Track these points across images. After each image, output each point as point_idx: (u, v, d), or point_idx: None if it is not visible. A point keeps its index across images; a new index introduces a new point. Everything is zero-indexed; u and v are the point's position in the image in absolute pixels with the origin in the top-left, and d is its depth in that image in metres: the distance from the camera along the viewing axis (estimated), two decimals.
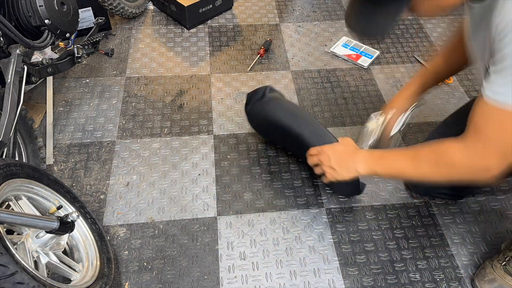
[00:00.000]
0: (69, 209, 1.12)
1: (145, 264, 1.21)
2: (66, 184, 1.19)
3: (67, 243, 1.08)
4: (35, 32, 1.34)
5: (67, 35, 1.44)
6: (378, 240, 1.28)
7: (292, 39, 2.01)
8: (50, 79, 1.70)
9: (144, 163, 1.46)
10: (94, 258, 1.10)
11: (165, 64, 1.85)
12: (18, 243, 0.93)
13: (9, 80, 1.18)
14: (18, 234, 0.98)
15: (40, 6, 1.29)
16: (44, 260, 0.96)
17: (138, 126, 1.58)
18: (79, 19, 1.54)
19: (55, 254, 1.00)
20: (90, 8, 1.86)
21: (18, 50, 1.22)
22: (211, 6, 2.04)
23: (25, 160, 1.29)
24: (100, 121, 1.59)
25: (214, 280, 1.18)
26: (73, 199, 1.16)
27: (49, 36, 1.36)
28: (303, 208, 1.36)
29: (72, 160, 1.46)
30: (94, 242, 1.13)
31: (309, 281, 1.19)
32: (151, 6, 2.16)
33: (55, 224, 0.94)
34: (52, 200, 1.08)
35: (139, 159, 1.47)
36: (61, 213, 1.05)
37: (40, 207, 1.06)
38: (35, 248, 0.95)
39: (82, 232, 1.13)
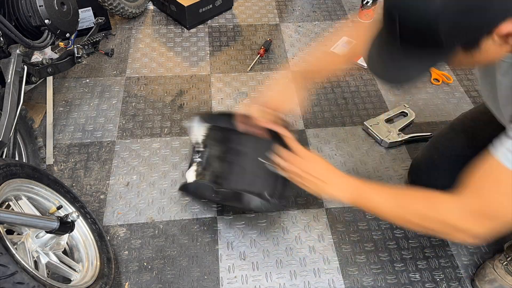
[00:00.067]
0: (69, 209, 1.12)
1: (145, 264, 1.21)
2: (66, 184, 1.19)
3: (67, 243, 1.08)
4: (35, 32, 1.34)
5: (67, 35, 1.44)
6: (378, 240, 1.28)
7: (292, 39, 2.01)
8: (50, 79, 1.70)
9: (144, 163, 1.46)
10: (94, 258, 1.10)
11: (165, 64, 1.85)
12: (18, 243, 0.93)
13: (9, 80, 1.18)
14: (18, 234, 0.98)
15: (40, 6, 1.29)
16: (44, 260, 0.96)
17: (138, 126, 1.58)
18: (79, 19, 1.54)
19: (55, 254, 1.00)
20: (90, 8, 1.86)
21: (18, 50, 1.23)
22: (211, 6, 2.04)
23: (25, 160, 1.29)
24: (100, 121, 1.59)
25: (214, 280, 1.18)
26: (73, 199, 1.16)
27: (49, 36, 1.36)
28: (303, 208, 1.36)
29: (72, 160, 1.46)
30: (94, 242, 1.13)
31: (309, 281, 1.19)
32: (151, 6, 2.17)
33: (55, 224, 0.94)
34: (52, 200, 1.08)
35: (139, 159, 1.47)
36: (61, 213, 1.05)
37: (40, 207, 1.06)
38: (35, 248, 0.95)
39: (82, 232, 1.13)
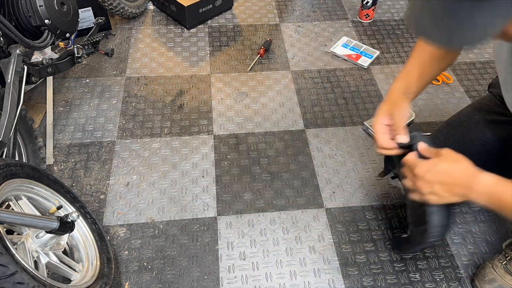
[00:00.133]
0: (69, 209, 1.12)
1: (145, 264, 1.21)
2: (66, 184, 1.19)
3: (67, 243, 1.08)
4: (35, 32, 1.34)
5: (67, 35, 1.44)
6: (378, 240, 1.28)
7: (292, 39, 2.01)
8: (50, 79, 1.70)
9: (144, 163, 1.46)
10: (94, 258, 1.10)
11: (165, 64, 1.85)
12: (18, 243, 0.93)
13: (9, 80, 1.18)
14: (18, 234, 0.98)
15: (40, 6, 1.29)
16: (44, 260, 0.96)
17: (138, 126, 1.58)
18: (79, 19, 1.54)
19: (55, 254, 1.00)
20: (90, 8, 1.86)
21: (18, 50, 1.23)
22: (211, 6, 2.04)
23: (25, 160, 1.29)
24: (100, 121, 1.59)
25: (214, 280, 1.18)
26: (73, 199, 1.16)
27: (49, 36, 1.36)
28: (303, 208, 1.36)
29: (72, 160, 1.46)
30: (94, 242, 1.13)
31: (309, 281, 1.19)
32: (151, 6, 2.17)
33: (55, 224, 0.95)
34: (52, 200, 1.08)
35: (139, 159, 1.47)
36: (61, 213, 1.05)
37: (40, 207, 1.06)
38: (35, 248, 0.95)
39: (82, 232, 1.13)
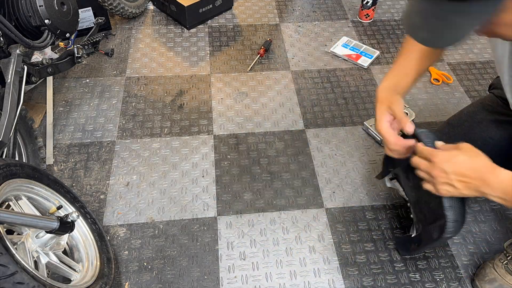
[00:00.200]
0: (69, 209, 1.12)
1: (145, 264, 1.21)
2: (66, 184, 1.19)
3: (67, 243, 1.08)
4: (35, 32, 1.34)
5: (67, 35, 1.44)
6: (378, 240, 1.28)
7: (292, 39, 2.01)
8: (50, 79, 1.70)
9: (144, 163, 1.46)
10: (94, 258, 1.10)
11: (165, 64, 1.85)
12: (18, 243, 0.93)
13: (9, 80, 1.18)
14: (18, 234, 0.98)
15: (40, 6, 1.29)
16: (44, 260, 0.96)
17: (138, 126, 1.58)
18: (79, 19, 1.54)
19: (55, 254, 1.00)
20: (90, 8, 1.86)
21: (18, 50, 1.23)
22: (211, 6, 2.04)
23: (25, 160, 1.29)
24: (100, 121, 1.59)
25: (214, 280, 1.18)
26: (73, 199, 1.16)
27: (49, 36, 1.36)
28: (303, 208, 1.36)
29: (72, 160, 1.46)
30: (94, 242, 1.13)
31: (309, 281, 1.19)
32: (151, 6, 2.17)
33: (55, 224, 0.95)
34: (52, 200, 1.08)
35: (139, 159, 1.47)
36: (61, 213, 1.05)
37: (40, 207, 1.06)
38: (35, 248, 0.95)
39: (82, 232, 1.13)
